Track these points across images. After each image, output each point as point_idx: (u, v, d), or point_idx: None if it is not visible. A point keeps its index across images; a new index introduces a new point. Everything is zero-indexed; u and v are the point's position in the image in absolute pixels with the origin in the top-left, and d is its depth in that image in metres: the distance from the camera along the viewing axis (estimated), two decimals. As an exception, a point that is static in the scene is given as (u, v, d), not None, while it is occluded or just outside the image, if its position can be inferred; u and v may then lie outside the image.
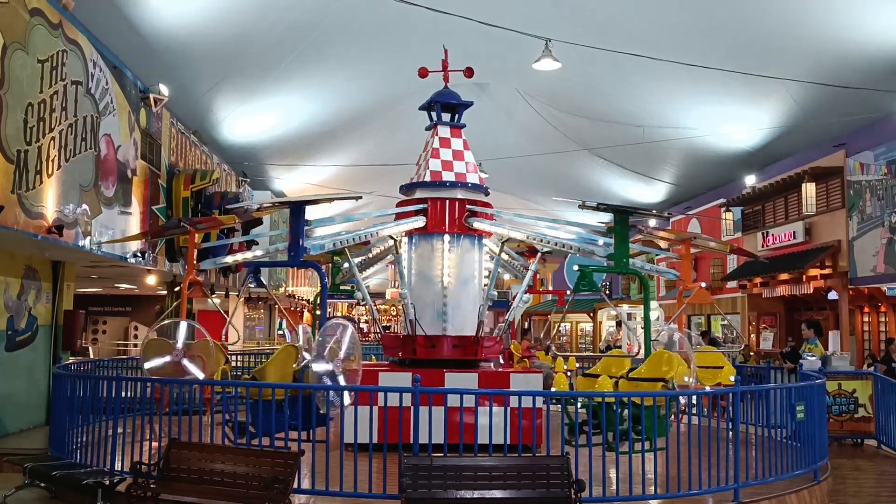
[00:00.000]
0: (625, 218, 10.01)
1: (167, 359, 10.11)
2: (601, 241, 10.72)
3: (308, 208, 10.20)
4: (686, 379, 9.21)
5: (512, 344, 14.28)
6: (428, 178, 11.44)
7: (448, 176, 11.47)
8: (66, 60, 11.07)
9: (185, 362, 10.09)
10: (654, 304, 29.82)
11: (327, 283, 10.24)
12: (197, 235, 11.57)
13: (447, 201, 11.40)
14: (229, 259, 11.78)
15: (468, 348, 11.05)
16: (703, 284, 12.17)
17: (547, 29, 14.59)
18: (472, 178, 11.68)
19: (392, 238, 11.95)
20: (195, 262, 11.28)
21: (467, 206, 11.43)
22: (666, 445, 8.41)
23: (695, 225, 26.74)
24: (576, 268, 11.13)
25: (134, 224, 14.03)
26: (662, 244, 13.08)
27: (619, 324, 29.30)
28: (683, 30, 16.94)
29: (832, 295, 19.98)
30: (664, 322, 26.07)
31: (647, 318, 10.65)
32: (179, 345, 10.24)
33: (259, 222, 17.98)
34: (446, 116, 11.95)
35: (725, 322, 25.23)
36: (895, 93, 16.63)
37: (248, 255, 11.69)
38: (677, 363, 9.12)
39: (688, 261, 11.68)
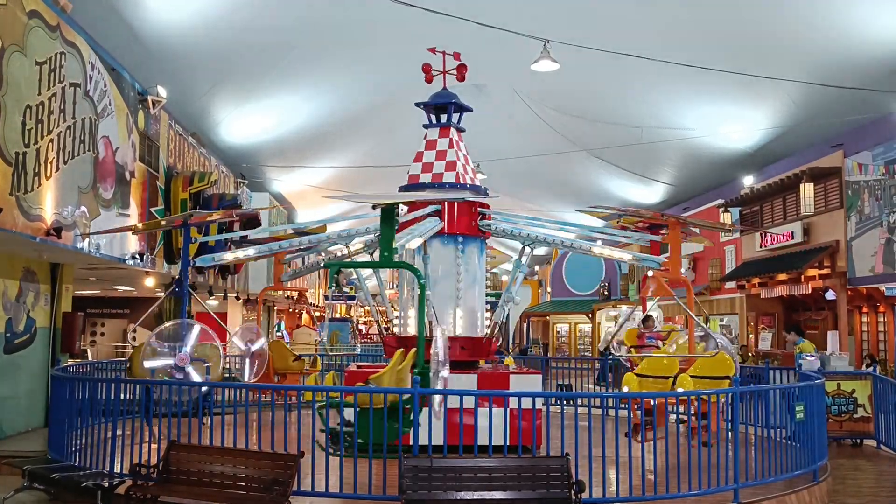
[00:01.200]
0: (389, 212, 9.77)
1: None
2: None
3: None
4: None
5: (626, 332, 14.09)
6: (442, 179, 11.44)
7: (454, 177, 11.44)
8: (65, 62, 11.06)
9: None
10: (651, 303, 29.79)
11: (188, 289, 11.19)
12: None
13: (458, 202, 11.35)
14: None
15: (478, 350, 11.07)
16: (650, 273, 11.16)
17: (545, 30, 14.60)
18: (476, 180, 11.69)
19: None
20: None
21: (478, 208, 11.38)
22: (656, 446, 8.40)
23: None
24: (322, 264, 11.13)
25: (132, 226, 14.01)
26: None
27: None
28: (682, 30, 16.95)
29: (830, 295, 19.99)
30: (664, 322, 26.06)
31: (421, 312, 9.18)
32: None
33: (258, 223, 17.97)
34: (453, 118, 11.96)
35: (724, 322, 25.26)
36: (893, 93, 16.65)
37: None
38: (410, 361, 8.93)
39: (676, 248, 10.69)
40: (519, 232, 11.42)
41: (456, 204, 11.30)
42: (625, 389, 10.51)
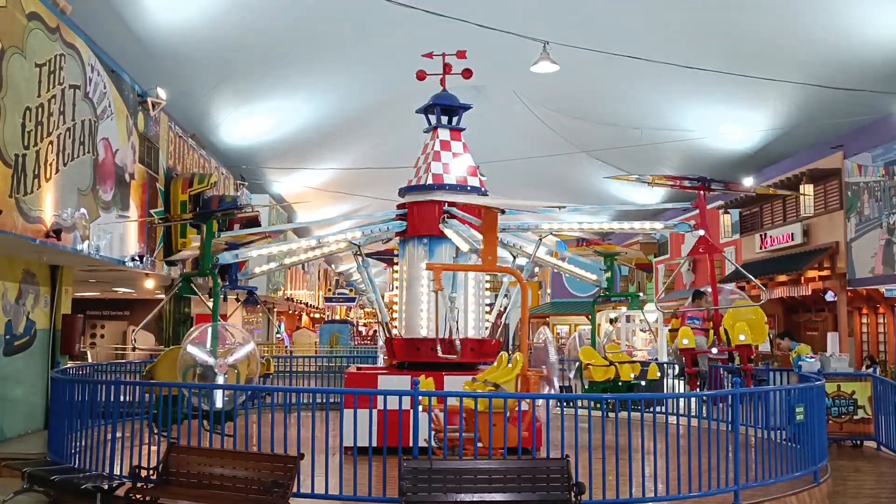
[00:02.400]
0: (205, 217, 9.56)
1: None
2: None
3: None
4: None
5: (674, 321, 13.77)
6: (430, 181, 11.39)
7: (449, 179, 11.40)
8: (64, 64, 11.06)
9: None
10: (652, 305, 29.80)
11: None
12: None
13: (424, 204, 11.26)
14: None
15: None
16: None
17: (545, 31, 14.60)
18: (473, 182, 11.63)
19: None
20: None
21: (444, 208, 11.23)
22: (656, 448, 8.40)
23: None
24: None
25: (132, 228, 14.01)
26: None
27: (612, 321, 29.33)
28: (681, 32, 16.96)
29: (829, 296, 19.98)
30: (664, 324, 26.05)
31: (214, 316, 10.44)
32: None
33: (257, 223, 17.94)
34: (445, 119, 11.90)
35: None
36: (893, 94, 16.65)
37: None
38: None
39: (490, 234, 10.20)
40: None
41: (423, 205, 11.24)
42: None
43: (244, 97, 20.26)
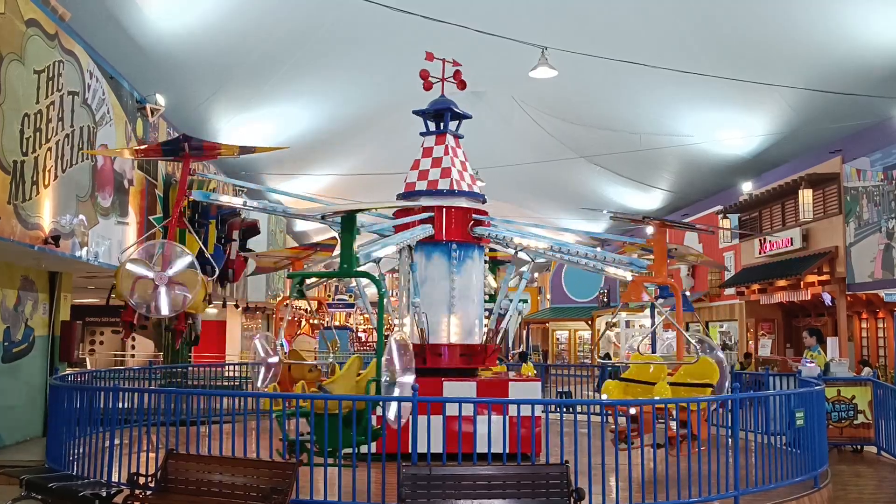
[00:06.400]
0: (349, 221, 9.28)
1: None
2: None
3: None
4: None
5: None
6: (437, 186, 11.40)
7: (448, 184, 11.42)
8: (63, 71, 11.07)
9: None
10: (650, 311, 29.75)
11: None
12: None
13: (451, 209, 11.32)
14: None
15: (475, 357, 11.04)
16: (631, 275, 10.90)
17: (543, 37, 14.63)
18: (474, 187, 11.68)
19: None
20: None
21: (473, 215, 11.37)
22: (667, 452, 8.37)
23: (692, 234, 26.79)
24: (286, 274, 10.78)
25: (131, 234, 14.01)
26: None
27: (609, 325, 29.32)
28: (679, 37, 16.98)
29: (826, 298, 19.92)
30: (663, 328, 26.04)
31: (380, 321, 9.29)
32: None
33: (256, 231, 17.96)
34: (452, 125, 11.94)
35: (724, 328, 25.25)
36: (891, 98, 16.67)
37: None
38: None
39: (661, 262, 10.65)
40: (511, 239, 11.31)
41: (450, 210, 11.27)
42: (604, 397, 10.32)
43: (243, 103, 20.26)
